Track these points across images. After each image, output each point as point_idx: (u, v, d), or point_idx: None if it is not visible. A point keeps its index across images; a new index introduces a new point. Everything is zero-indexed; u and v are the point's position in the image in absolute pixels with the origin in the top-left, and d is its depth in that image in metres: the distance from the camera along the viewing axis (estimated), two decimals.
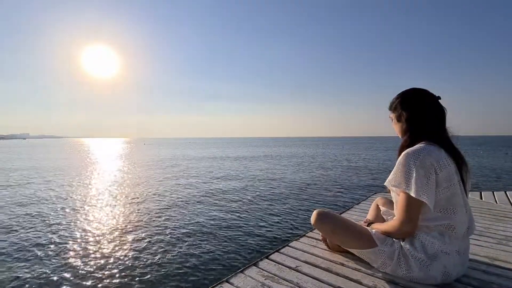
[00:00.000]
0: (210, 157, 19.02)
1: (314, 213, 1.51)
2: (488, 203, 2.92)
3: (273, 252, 1.68)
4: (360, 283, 1.29)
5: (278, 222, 4.24)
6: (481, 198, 3.21)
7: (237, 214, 4.70)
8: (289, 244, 1.80)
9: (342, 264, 1.48)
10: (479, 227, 2.10)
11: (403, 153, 1.22)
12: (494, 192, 3.45)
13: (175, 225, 4.13)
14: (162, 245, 3.35)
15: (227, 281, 1.37)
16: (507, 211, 2.58)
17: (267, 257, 1.61)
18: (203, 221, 4.30)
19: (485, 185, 7.73)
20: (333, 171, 10.81)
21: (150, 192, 6.74)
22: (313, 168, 11.88)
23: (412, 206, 1.17)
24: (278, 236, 3.65)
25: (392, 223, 1.28)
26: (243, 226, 4.05)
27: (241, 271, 1.46)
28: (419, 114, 1.26)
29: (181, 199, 5.89)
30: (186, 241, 3.48)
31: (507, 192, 3.42)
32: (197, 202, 5.65)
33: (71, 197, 6.15)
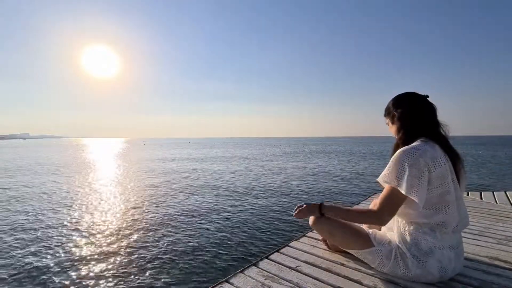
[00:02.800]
0: (210, 157, 19.01)
1: None
2: (488, 203, 2.92)
3: (273, 252, 1.68)
4: (360, 283, 1.29)
5: (278, 222, 4.23)
6: (481, 198, 3.21)
7: (237, 214, 4.70)
8: (289, 244, 1.80)
9: (342, 264, 1.48)
10: (479, 227, 2.10)
11: (398, 150, 1.23)
12: (494, 192, 3.45)
13: (174, 225, 4.13)
14: (161, 245, 3.35)
15: (227, 281, 1.37)
16: (507, 211, 2.58)
17: (267, 257, 1.61)
18: (203, 221, 4.30)
19: (485, 185, 7.72)
20: (333, 171, 10.81)
21: (150, 191, 6.74)
22: (313, 168, 11.87)
23: (396, 199, 1.19)
24: (278, 236, 3.65)
25: (371, 210, 1.26)
26: (243, 226, 4.04)
27: (241, 271, 1.46)
28: (410, 111, 1.30)
29: (180, 199, 5.88)
30: (185, 241, 3.47)
31: (507, 192, 3.42)
32: (197, 202, 5.65)
33: (87, 198, 6.16)
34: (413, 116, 1.29)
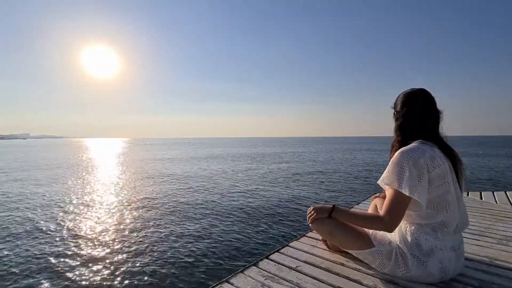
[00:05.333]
0: (210, 157, 19.02)
1: None
2: (488, 203, 2.91)
3: (273, 252, 1.68)
4: (360, 283, 1.29)
5: (278, 222, 4.24)
6: (481, 198, 3.21)
7: (237, 214, 4.70)
8: (289, 244, 1.79)
9: (342, 264, 1.48)
10: (479, 227, 2.10)
11: (397, 152, 1.22)
12: (494, 192, 3.45)
13: (174, 225, 4.14)
14: (162, 246, 3.35)
15: (227, 281, 1.37)
16: (507, 211, 2.57)
17: (267, 257, 1.61)
18: (203, 222, 4.30)
19: (485, 185, 7.72)
20: (333, 172, 10.81)
21: (151, 191, 6.75)
22: (313, 169, 11.87)
23: (402, 203, 1.17)
24: (278, 236, 3.65)
25: (378, 216, 1.23)
26: (243, 227, 4.05)
27: (241, 271, 1.46)
28: (413, 112, 1.27)
29: (180, 199, 5.88)
30: (185, 242, 3.48)
31: (507, 192, 3.42)
32: (197, 202, 5.65)
33: (90, 198, 6.17)
34: (415, 118, 1.27)
